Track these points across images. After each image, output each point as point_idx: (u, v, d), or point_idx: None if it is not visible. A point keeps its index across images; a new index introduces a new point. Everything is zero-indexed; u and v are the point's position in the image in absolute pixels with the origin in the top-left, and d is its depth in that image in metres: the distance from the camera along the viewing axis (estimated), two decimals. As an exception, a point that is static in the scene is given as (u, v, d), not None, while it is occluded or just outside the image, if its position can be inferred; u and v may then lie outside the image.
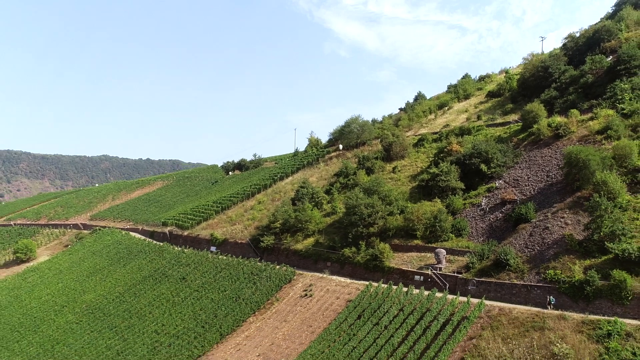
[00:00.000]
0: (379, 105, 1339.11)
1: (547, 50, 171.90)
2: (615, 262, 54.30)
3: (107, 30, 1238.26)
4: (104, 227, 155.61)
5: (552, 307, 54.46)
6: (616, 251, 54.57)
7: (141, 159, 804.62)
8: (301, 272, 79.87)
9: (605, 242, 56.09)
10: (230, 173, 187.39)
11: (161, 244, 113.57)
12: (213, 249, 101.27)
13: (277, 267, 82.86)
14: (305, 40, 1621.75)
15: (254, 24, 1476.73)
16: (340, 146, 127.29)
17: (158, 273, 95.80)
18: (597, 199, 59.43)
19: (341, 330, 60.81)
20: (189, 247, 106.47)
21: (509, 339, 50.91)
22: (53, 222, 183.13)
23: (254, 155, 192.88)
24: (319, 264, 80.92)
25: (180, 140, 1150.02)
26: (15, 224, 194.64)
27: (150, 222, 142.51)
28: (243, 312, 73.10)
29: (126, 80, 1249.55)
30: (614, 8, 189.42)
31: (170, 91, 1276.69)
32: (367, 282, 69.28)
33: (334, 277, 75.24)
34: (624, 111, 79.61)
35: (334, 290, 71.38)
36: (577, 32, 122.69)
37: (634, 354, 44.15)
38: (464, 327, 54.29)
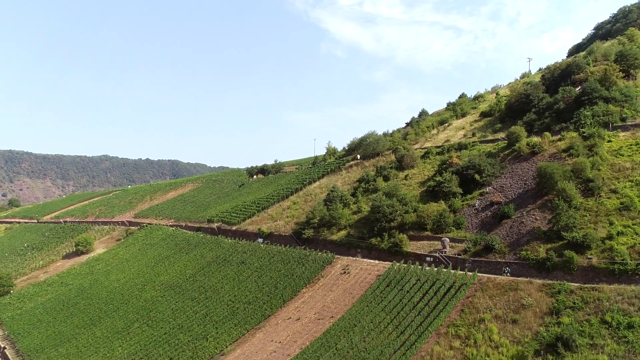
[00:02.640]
0: (376, 105, 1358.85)
1: (534, 70, 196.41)
2: (567, 245, 77.44)
3: (108, 30, 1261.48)
4: (149, 224, 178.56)
5: (508, 274, 78.35)
6: (568, 238, 77.79)
7: (140, 159, 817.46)
8: (338, 256, 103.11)
9: (562, 232, 79.32)
10: (254, 177, 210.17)
11: (215, 236, 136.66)
12: (260, 240, 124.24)
13: (319, 252, 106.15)
14: (302, 40, 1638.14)
15: (250, 25, 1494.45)
16: (358, 156, 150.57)
17: (220, 259, 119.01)
18: (558, 201, 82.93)
19: (375, 294, 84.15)
20: (238, 240, 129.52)
21: (493, 297, 74.26)
22: (101, 220, 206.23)
23: (275, 161, 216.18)
24: (351, 251, 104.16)
25: (178, 140, 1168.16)
26: (64, 222, 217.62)
27: (193, 220, 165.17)
28: (297, 285, 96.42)
29: (126, 80, 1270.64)
30: (593, 32, 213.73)
31: (168, 92, 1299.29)
32: (390, 263, 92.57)
33: (365, 260, 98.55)
34: (584, 134, 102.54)
35: (366, 268, 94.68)
36: (578, 46, 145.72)
37: (574, 302, 67.40)
38: (463, 290, 77.60)
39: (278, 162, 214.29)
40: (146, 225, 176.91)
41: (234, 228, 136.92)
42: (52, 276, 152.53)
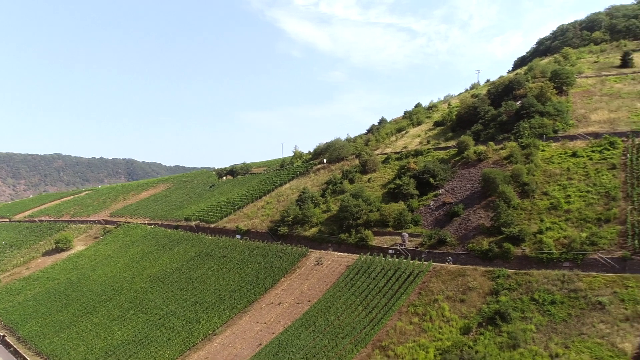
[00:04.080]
0: (332, 104, 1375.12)
1: (482, 80, 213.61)
2: (506, 238, 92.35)
3: (61, 22, 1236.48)
4: (126, 222, 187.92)
5: (450, 262, 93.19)
6: (507, 232, 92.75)
7: (94, 157, 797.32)
8: (312, 250, 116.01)
9: (502, 227, 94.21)
10: (223, 178, 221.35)
11: (195, 234, 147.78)
12: (239, 236, 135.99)
13: (294, 247, 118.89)
14: (258, 39, 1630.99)
15: (206, 23, 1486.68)
16: (325, 160, 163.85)
17: (203, 253, 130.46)
18: (499, 202, 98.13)
19: (346, 282, 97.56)
20: (218, 236, 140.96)
21: (445, 281, 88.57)
22: (77, 219, 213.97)
23: (243, 163, 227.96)
24: (323, 245, 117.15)
25: (133, 139, 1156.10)
26: (40, 220, 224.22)
27: (170, 218, 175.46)
28: (276, 275, 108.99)
29: (78, 77, 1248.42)
30: (535, 46, 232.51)
31: (121, 89, 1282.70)
32: (358, 255, 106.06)
33: (336, 253, 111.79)
34: (522, 144, 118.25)
35: (336, 260, 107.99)
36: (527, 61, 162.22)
37: (510, 285, 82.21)
38: (420, 276, 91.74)
39: (246, 163, 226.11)
40: (123, 224, 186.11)
41: (212, 226, 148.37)
42: (36, 272, 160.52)
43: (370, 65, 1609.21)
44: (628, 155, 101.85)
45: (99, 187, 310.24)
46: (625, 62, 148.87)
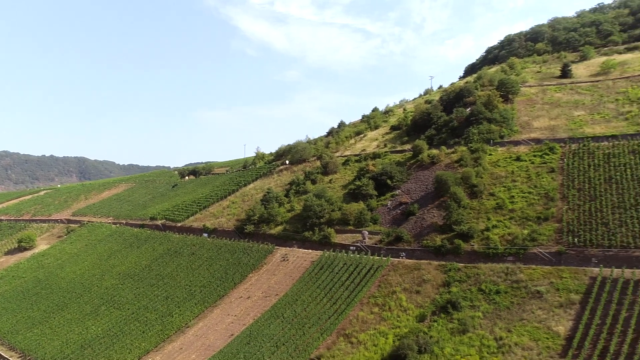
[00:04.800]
0: (288, 104, 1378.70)
1: (435, 86, 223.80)
2: (457, 235, 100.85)
3: (14, 17, 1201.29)
4: (89, 221, 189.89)
5: (404, 257, 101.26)
6: (457, 230, 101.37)
7: (44, 155, 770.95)
8: (278, 247, 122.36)
9: (453, 225, 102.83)
10: (186, 177, 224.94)
11: (162, 232, 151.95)
12: (206, 235, 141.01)
13: (261, 244, 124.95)
14: (212, 37, 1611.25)
15: (156, 18, 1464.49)
16: (287, 161, 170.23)
17: (171, 251, 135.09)
18: (450, 202, 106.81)
19: (311, 276, 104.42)
20: (186, 235, 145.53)
21: (403, 275, 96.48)
22: (38, 218, 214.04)
23: (205, 163, 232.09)
24: (288, 242, 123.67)
25: (84, 136, 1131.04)
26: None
27: (135, 218, 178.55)
28: (245, 271, 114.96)
29: (28, 73, 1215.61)
30: (484, 54, 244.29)
31: (73, 86, 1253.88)
32: (322, 251, 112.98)
33: (300, 249, 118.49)
34: (472, 148, 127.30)
35: (301, 256, 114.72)
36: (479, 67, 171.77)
37: (460, 277, 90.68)
38: (379, 270, 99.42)
39: (208, 163, 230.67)
40: (86, 223, 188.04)
41: (179, 224, 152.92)
42: (0, 271, 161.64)
43: (326, 65, 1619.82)
44: (565, 159, 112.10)
45: (59, 186, 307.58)
46: (565, 73, 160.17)
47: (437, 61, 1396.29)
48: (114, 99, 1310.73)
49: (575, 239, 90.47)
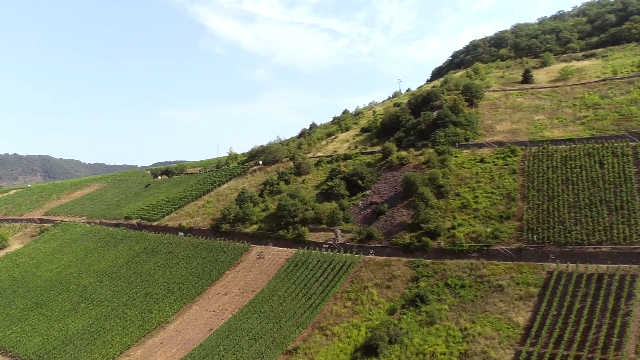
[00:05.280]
0: (257, 103, 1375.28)
1: (404, 89, 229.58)
2: (424, 233, 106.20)
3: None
4: (62, 221, 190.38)
5: (373, 254, 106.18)
6: (425, 228, 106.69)
7: (7, 153, 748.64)
8: (253, 245, 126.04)
9: (421, 224, 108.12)
10: (159, 177, 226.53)
11: (138, 231, 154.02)
12: (182, 233, 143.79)
13: (237, 242, 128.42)
14: (180, 35, 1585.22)
15: (124, 16, 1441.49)
16: (260, 162, 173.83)
17: (148, 250, 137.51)
18: (418, 202, 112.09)
19: (286, 273, 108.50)
20: (162, 234, 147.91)
21: (374, 271, 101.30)
22: (9, 217, 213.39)
23: (178, 163, 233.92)
24: (263, 241, 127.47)
25: (49, 134, 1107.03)
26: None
27: (109, 217, 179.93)
28: (221, 268, 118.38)
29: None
30: (450, 58, 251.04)
31: (37, 83, 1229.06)
32: (296, 249, 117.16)
33: (275, 247, 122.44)
34: (439, 150, 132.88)
35: (277, 254, 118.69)
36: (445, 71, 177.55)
37: (428, 272, 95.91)
38: (352, 267, 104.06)
39: (181, 163, 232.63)
40: (60, 222, 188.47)
41: (154, 224, 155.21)
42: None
43: (294, 64, 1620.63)
44: (526, 162, 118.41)
45: (29, 185, 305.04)
46: (526, 79, 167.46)
47: (405, 62, 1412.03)
48: (79, 97, 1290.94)
49: (535, 237, 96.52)
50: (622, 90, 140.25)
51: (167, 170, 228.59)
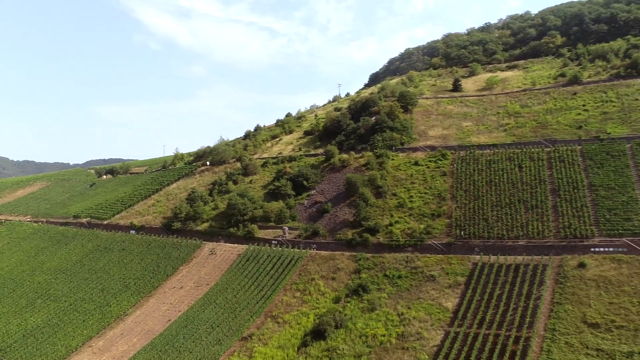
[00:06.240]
0: (193, 100, 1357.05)
1: (344, 94, 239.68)
2: (365, 230, 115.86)
3: None
4: (6, 220, 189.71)
5: (314, 249, 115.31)
6: (366, 225, 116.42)
7: None
8: (205, 242, 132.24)
9: (362, 222, 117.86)
10: (103, 177, 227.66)
11: (89, 230, 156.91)
12: (133, 232, 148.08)
13: (189, 240, 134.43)
14: (113, 29, 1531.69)
15: (53, 9, 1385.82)
16: (208, 162, 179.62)
17: (101, 247, 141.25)
18: (359, 201, 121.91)
19: (238, 267, 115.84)
20: (114, 232, 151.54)
21: (320, 264, 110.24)
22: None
23: (122, 163, 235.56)
24: (215, 238, 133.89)
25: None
26: None
27: (56, 216, 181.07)
28: (175, 264, 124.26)
29: None
30: (386, 65, 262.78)
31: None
32: (247, 245, 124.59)
33: (227, 244, 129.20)
34: (377, 153, 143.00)
35: (228, 250, 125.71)
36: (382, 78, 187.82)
37: (369, 265, 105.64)
38: (299, 261, 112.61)
39: (125, 163, 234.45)
40: (4, 222, 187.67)
41: (105, 222, 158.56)
42: None
43: (232, 62, 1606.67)
44: (455, 165, 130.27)
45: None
46: (456, 87, 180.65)
47: (343, 62, 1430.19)
48: (6, 91, 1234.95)
49: (462, 232, 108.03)
50: (540, 101, 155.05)
51: (112, 170, 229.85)
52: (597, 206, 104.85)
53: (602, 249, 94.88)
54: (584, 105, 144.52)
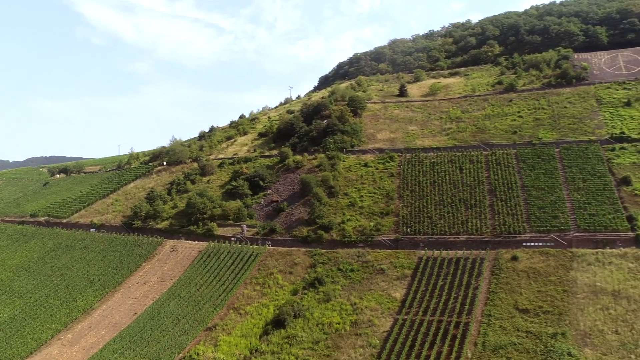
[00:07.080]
0: (137, 97, 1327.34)
1: (294, 95, 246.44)
2: (319, 227, 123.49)
3: None
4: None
5: (269, 245, 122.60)
6: (320, 223, 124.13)
7: None
8: (166, 240, 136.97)
9: (316, 219, 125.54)
10: (57, 176, 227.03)
11: (48, 228, 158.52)
12: (94, 230, 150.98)
13: (151, 237, 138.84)
14: (53, 22, 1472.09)
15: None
16: (165, 162, 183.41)
17: (62, 245, 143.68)
18: (313, 200, 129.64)
19: (200, 263, 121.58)
20: (74, 230, 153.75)
21: (278, 259, 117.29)
22: None
23: (76, 162, 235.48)
24: (175, 236, 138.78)
25: None
26: None
27: (11, 215, 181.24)
28: (138, 261, 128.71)
29: None
30: (336, 68, 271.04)
31: None
32: (207, 243, 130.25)
33: (187, 241, 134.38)
34: (329, 155, 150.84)
35: (189, 247, 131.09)
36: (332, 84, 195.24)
37: (323, 260, 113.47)
38: (258, 257, 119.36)
39: (79, 162, 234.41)
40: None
41: (64, 221, 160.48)
42: None
43: (178, 59, 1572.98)
44: (401, 166, 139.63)
45: None
46: (402, 92, 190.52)
47: (290, 61, 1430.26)
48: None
49: (408, 229, 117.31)
50: (479, 107, 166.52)
51: (66, 169, 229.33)
52: (528, 205, 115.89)
53: (532, 244, 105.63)
54: (518, 112, 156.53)
